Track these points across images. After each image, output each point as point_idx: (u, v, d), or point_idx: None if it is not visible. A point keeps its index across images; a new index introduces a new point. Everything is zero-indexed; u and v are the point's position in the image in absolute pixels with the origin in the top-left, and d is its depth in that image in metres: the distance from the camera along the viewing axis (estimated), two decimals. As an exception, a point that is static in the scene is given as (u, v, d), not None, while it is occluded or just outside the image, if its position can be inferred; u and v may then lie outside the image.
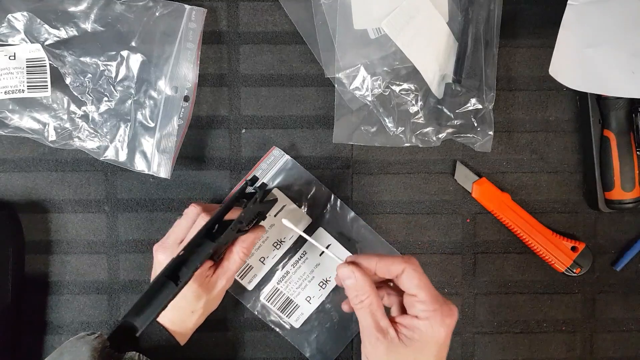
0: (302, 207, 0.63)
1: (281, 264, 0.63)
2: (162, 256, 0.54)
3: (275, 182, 0.63)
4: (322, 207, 0.63)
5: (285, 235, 0.63)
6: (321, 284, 0.63)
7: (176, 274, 0.46)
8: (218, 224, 0.51)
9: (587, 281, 0.65)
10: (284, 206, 0.63)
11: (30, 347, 0.63)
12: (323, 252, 0.62)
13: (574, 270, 0.63)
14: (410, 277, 0.47)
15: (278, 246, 0.63)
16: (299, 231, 0.53)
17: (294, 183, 0.63)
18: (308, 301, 0.63)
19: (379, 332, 0.46)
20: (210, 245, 0.49)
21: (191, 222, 0.55)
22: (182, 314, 0.55)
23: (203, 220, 0.54)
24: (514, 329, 0.65)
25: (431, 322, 0.45)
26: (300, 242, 0.63)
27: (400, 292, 0.49)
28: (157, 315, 0.44)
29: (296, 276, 0.63)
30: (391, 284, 0.52)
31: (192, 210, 0.56)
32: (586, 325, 0.65)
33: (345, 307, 0.53)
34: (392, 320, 0.47)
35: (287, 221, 0.52)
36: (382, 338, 0.45)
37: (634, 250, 0.64)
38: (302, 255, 0.63)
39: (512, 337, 0.65)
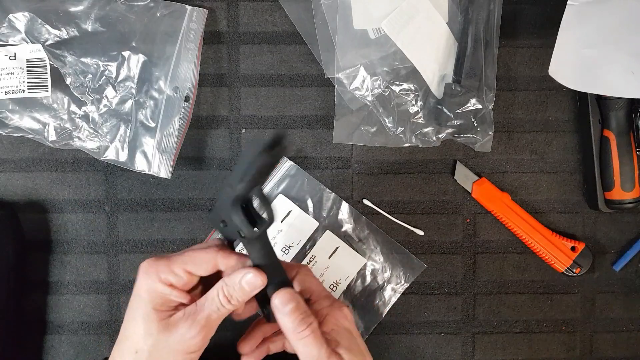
0: (308, 211, 0.63)
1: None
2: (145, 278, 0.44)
3: (280, 189, 0.63)
4: (328, 210, 0.63)
5: (294, 240, 0.63)
6: (332, 286, 0.63)
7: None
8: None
9: (586, 281, 0.65)
10: (290, 212, 0.63)
11: (30, 347, 0.63)
12: (332, 255, 0.62)
13: (574, 270, 0.63)
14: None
15: (287, 251, 0.63)
16: (378, 209, 0.56)
17: (299, 188, 0.63)
18: None
19: (333, 354, 0.43)
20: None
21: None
22: (122, 347, 0.44)
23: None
24: (514, 329, 0.65)
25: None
26: (309, 246, 0.63)
27: None
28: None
29: None
30: None
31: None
32: (586, 325, 0.65)
33: (289, 347, 0.47)
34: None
35: (367, 201, 0.57)
36: (335, 357, 0.43)
37: (634, 250, 0.64)
38: (311, 260, 0.63)
39: (512, 337, 0.65)
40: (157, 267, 0.43)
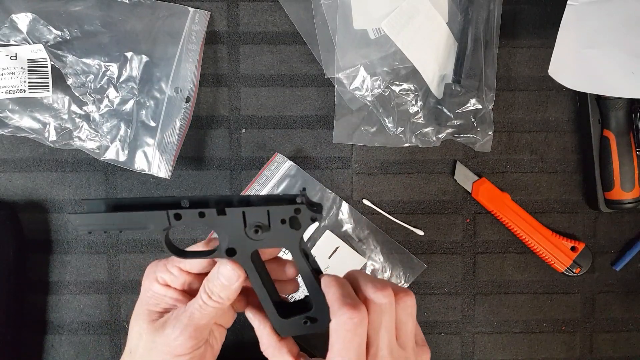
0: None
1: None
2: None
3: (280, 189, 0.63)
4: (328, 210, 0.63)
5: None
6: None
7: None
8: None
9: (587, 281, 0.65)
10: None
11: (30, 347, 0.63)
12: (332, 255, 0.62)
13: (574, 270, 0.63)
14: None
15: (286, 252, 0.63)
16: (380, 210, 0.55)
17: (299, 188, 0.63)
18: None
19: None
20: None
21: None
22: (125, 347, 0.44)
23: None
24: (514, 329, 0.65)
25: None
26: (309, 245, 0.63)
27: None
28: None
29: None
30: None
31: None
32: (586, 325, 0.65)
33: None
34: None
35: (367, 201, 0.56)
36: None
37: (634, 250, 0.64)
38: None
39: (512, 337, 0.65)
40: (156, 267, 0.44)
